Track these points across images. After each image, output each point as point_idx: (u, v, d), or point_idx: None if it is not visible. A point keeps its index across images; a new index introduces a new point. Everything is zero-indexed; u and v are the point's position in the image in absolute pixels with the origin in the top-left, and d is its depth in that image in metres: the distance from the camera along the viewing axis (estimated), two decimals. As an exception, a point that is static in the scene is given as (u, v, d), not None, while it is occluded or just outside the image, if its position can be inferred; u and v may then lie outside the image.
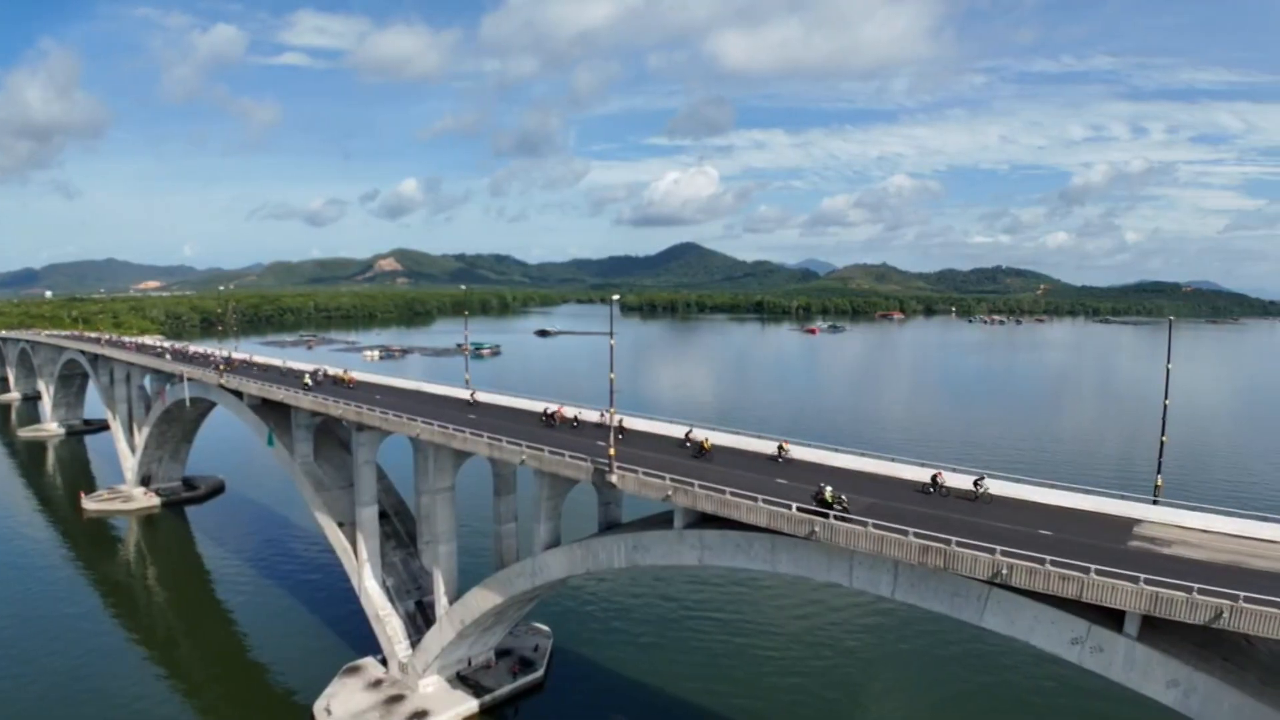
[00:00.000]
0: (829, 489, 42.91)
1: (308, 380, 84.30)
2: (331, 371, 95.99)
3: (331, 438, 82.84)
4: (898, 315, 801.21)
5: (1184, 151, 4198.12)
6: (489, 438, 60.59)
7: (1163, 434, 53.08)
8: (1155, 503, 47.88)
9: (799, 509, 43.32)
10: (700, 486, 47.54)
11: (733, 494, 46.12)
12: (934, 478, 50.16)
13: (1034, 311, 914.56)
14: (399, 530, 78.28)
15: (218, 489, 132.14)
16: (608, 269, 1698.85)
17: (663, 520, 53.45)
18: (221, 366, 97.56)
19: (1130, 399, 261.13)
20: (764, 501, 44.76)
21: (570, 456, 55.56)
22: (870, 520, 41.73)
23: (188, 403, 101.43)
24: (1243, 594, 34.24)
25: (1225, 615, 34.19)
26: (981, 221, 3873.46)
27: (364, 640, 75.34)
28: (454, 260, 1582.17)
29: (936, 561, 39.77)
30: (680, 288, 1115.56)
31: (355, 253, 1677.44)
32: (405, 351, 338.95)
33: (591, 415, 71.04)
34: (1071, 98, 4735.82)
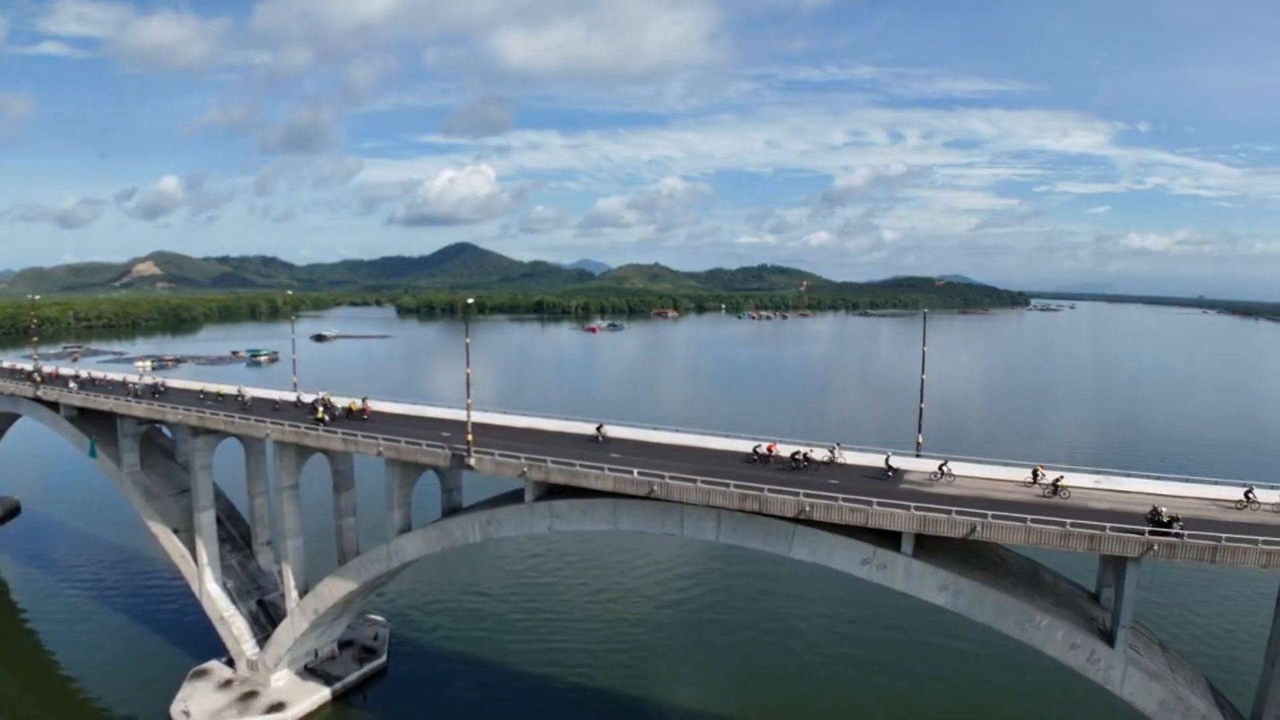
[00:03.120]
0: (1164, 509, 45.12)
1: (322, 414, 70.34)
2: (343, 402, 77.32)
3: (154, 446, 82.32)
4: (672, 313, 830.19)
5: (939, 156, 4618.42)
6: (343, 433, 64.50)
7: (921, 401, 65.44)
8: (918, 455, 60.28)
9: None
10: (553, 462, 54.66)
11: (581, 465, 53.58)
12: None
13: (798, 307, 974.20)
14: (233, 534, 79.43)
15: (14, 510, 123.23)
16: (381, 270, 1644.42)
17: (513, 497, 60.08)
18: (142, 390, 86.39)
19: (889, 377, 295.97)
20: (609, 470, 52.64)
21: (427, 445, 60.91)
22: (699, 477, 50.66)
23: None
24: (990, 513, 45.98)
25: (978, 529, 45.74)
26: (749, 222, 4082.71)
27: (205, 644, 76.25)
28: (218, 264, 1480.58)
29: (753, 505, 49.12)
30: (457, 289, 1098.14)
31: (111, 256, 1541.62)
32: (179, 361, 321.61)
33: (819, 452, 59.94)
34: (833, 105, 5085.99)
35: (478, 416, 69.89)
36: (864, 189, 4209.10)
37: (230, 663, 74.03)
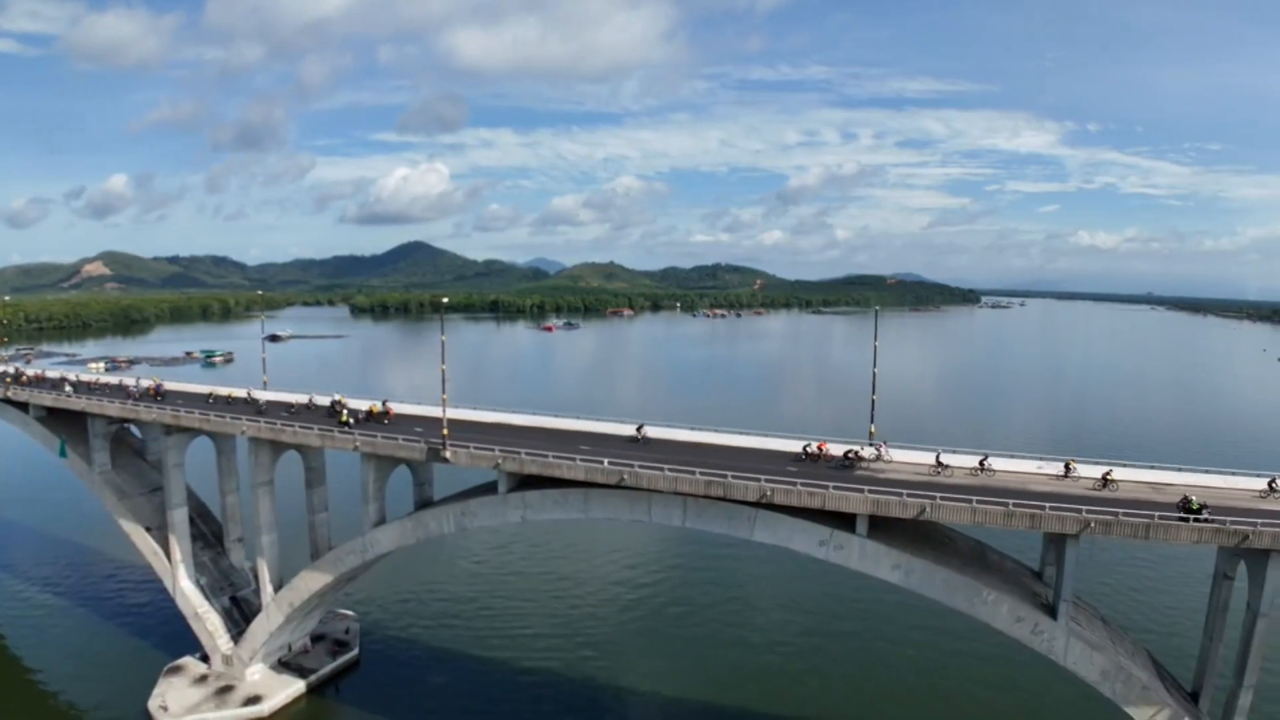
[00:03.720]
0: (1194, 498, 49.05)
1: (347, 418, 69.01)
2: (364, 405, 75.39)
3: (124, 446, 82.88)
4: (627, 312, 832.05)
5: (891, 155, 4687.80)
6: (319, 429, 66.21)
7: (873, 393, 68.84)
8: (870, 442, 63.46)
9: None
10: (526, 453, 56.97)
11: (554, 456, 56.00)
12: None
13: (752, 305, 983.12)
14: (205, 531, 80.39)
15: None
16: (333, 269, 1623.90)
17: (486, 489, 62.20)
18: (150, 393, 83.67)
19: (844, 373, 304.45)
20: (581, 460, 55.12)
21: (403, 440, 62.86)
22: (665, 465, 53.34)
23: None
24: (939, 495, 49.27)
25: (927, 510, 49.04)
26: (703, 221, 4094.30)
27: (177, 641, 77.45)
28: (168, 263, 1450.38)
29: (718, 491, 51.87)
30: (410, 288, 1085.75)
31: (60, 257, 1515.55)
32: (132, 362, 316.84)
33: (868, 451, 61.09)
34: (787, 105, 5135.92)
35: (499, 417, 71.89)
36: (817, 188, 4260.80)
37: (204, 658, 75.05)
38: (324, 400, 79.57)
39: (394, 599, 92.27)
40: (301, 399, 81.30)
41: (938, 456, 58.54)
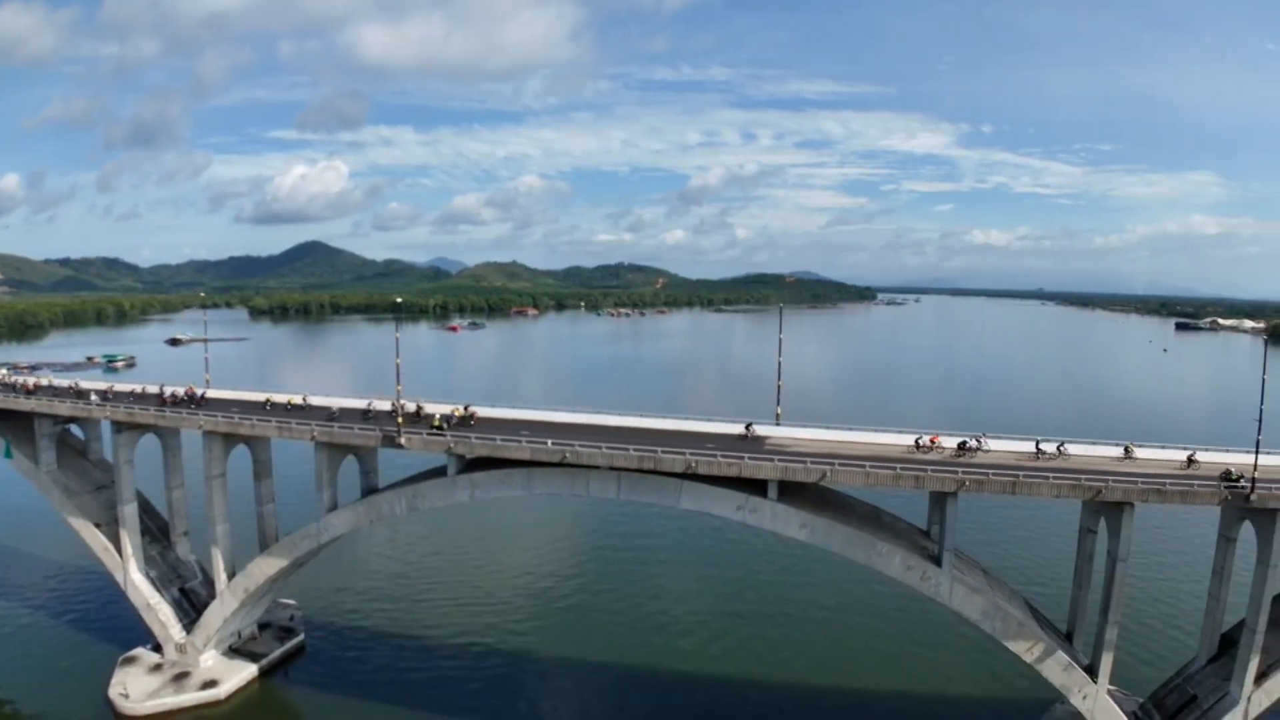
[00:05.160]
0: (1233, 469, 55.36)
1: (438, 422, 67.69)
2: (446, 409, 73.21)
3: (66, 445, 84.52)
4: (532, 311, 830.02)
5: (790, 156, 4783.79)
6: (277, 421, 70.47)
7: (779, 379, 77.23)
8: (777, 424, 71.65)
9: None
10: (476, 438, 62.93)
11: (502, 440, 62.13)
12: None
13: (655, 304, 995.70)
14: (151, 526, 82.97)
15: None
16: (230, 270, 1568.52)
17: (435, 474, 67.65)
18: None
19: (748, 366, 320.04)
20: (526, 441, 61.38)
21: (359, 429, 67.89)
22: (603, 444, 60.11)
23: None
24: (837, 461, 57.40)
25: (828, 474, 57.12)
26: (606, 220, 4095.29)
27: (127, 634, 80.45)
28: (59, 266, 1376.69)
29: (650, 465, 58.85)
30: (308, 289, 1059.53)
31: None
32: (34, 368, 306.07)
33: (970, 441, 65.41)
34: (689, 105, 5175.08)
35: (584, 419, 75.05)
36: (719, 188, 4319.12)
37: (157, 648, 77.96)
38: (383, 404, 77.29)
39: (332, 587, 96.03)
40: (361, 404, 79.67)
41: (1037, 444, 64.04)
